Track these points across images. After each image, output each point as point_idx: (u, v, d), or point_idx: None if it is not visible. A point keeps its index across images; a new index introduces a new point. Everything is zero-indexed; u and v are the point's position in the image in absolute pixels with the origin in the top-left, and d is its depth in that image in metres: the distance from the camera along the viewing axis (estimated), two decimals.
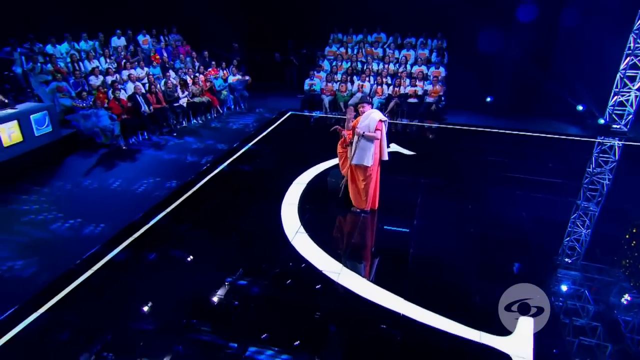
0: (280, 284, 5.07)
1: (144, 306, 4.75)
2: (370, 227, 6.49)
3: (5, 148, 8.13)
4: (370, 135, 6.10)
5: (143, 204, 7.13)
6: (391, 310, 4.66)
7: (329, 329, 4.44)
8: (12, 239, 6.33)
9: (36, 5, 11.39)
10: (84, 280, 5.15)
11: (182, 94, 11.55)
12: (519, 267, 5.52)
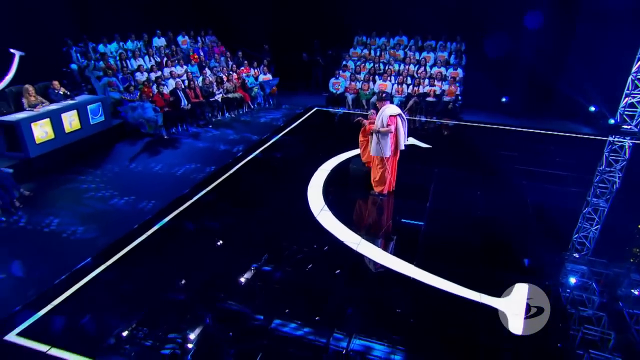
0: (306, 252, 5.69)
1: (188, 267, 5.45)
2: (387, 207, 7.06)
3: (67, 134, 9.01)
4: (384, 130, 6.67)
5: (184, 185, 7.87)
6: (403, 274, 5.24)
7: (348, 288, 5.05)
8: (78, 210, 7.18)
9: (90, 8, 12.32)
10: (140, 242, 5.89)
11: (218, 90, 12.31)
12: (518, 244, 5.99)
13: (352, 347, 4.11)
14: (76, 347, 4.06)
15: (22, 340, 4.15)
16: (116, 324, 4.40)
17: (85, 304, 4.71)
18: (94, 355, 3.97)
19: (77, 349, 4.03)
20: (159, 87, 10.96)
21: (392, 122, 6.57)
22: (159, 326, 4.36)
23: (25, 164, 8.15)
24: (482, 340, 4.28)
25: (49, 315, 4.48)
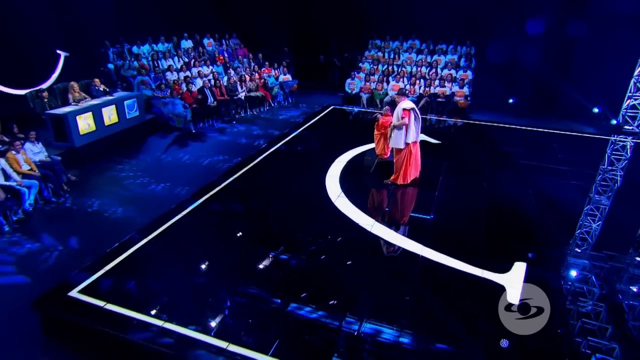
0: (325, 232, 6.13)
1: (218, 241, 5.96)
2: (399, 194, 7.48)
3: (106, 126, 9.62)
4: (399, 124, 7.10)
5: (211, 173, 8.38)
6: (413, 252, 5.66)
7: (363, 263, 5.50)
8: (117, 193, 7.78)
9: (125, 13, 12.94)
10: (177, 220, 6.40)
11: (241, 89, 12.85)
12: (519, 230, 6.38)
13: (367, 315, 4.56)
14: (127, 303, 4.58)
15: (83, 296, 4.69)
16: (158, 285, 4.94)
17: (132, 270, 5.23)
18: (141, 310, 4.47)
19: (127, 305, 4.55)
20: (187, 85, 11.53)
21: (406, 115, 6.99)
22: (193, 288, 4.89)
23: (71, 153, 8.76)
24: (483, 308, 4.68)
25: (102, 278, 5.01)
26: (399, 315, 4.53)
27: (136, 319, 4.35)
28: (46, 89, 9.60)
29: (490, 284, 5.04)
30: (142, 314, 4.42)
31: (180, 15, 14.41)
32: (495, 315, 4.49)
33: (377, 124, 8.16)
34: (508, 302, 4.71)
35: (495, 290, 4.92)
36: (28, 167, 7.41)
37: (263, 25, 15.53)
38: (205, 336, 4.15)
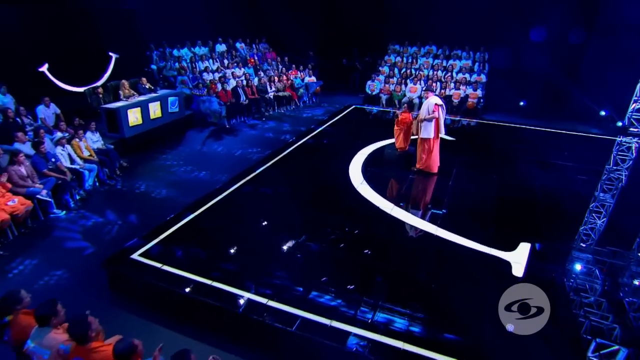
0: (349, 215, 6.58)
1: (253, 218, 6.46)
2: (416, 183, 7.88)
3: (151, 120, 10.25)
4: (430, 117, 7.56)
5: (244, 163, 8.90)
6: (428, 232, 6.07)
7: (383, 242, 5.94)
8: (162, 178, 8.38)
9: (167, 19, 13.62)
10: (217, 201, 6.95)
11: (270, 89, 13.39)
12: (525, 216, 6.71)
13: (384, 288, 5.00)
14: (180, 265, 5.12)
15: (143, 259, 5.26)
16: (204, 252, 5.48)
17: (182, 239, 5.78)
18: (192, 270, 5.00)
19: (180, 267, 5.09)
20: (222, 84, 12.12)
21: (436, 109, 7.44)
22: (234, 254, 5.40)
23: (122, 143, 9.39)
24: (490, 279, 5.07)
25: (158, 245, 5.57)
26: (415, 286, 4.96)
27: (188, 278, 4.89)
28: (101, 86, 10.31)
29: (496, 259, 5.42)
30: (192, 274, 4.96)
31: (215, 21, 15.02)
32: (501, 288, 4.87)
33: (396, 120, 8.59)
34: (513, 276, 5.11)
35: (501, 264, 5.31)
36: (88, 153, 8.08)
37: (290, 31, 16.00)
38: (247, 293, 4.65)
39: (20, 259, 5.91)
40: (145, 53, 12.82)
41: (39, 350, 3.20)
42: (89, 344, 3.09)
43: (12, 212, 6.21)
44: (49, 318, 3.24)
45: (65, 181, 7.21)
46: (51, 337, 3.22)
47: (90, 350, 3.10)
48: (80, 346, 3.09)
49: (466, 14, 13.99)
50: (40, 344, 3.20)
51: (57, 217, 6.97)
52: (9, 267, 5.74)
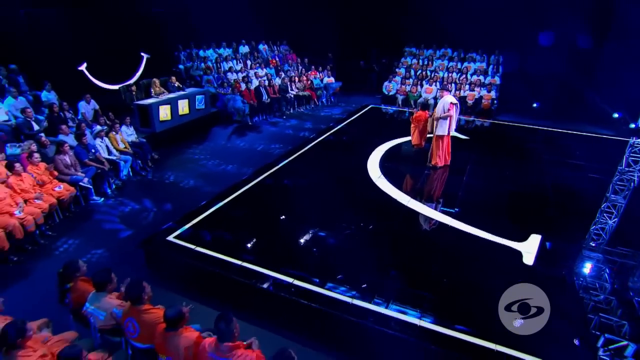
0: (367, 206, 6.84)
1: (276, 207, 6.77)
2: (431, 177, 8.09)
3: (180, 116, 10.66)
4: (444, 115, 7.76)
5: (266, 158, 9.20)
6: (443, 222, 6.28)
7: (400, 231, 6.17)
8: (191, 170, 8.77)
9: (194, 22, 14.07)
10: (243, 191, 7.27)
11: (291, 89, 13.71)
12: (536, 210, 6.85)
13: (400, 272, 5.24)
14: (211, 247, 5.45)
15: (178, 240, 5.60)
16: (233, 235, 5.81)
17: (213, 224, 6.11)
18: (222, 251, 5.32)
19: (212, 248, 5.42)
20: (246, 84, 12.48)
21: (451, 108, 7.65)
22: (259, 238, 5.73)
23: (152, 137, 9.80)
24: (501, 268, 5.26)
25: (191, 229, 5.91)
26: (431, 270, 5.20)
27: (218, 258, 5.22)
28: (134, 84, 10.77)
29: (508, 248, 5.61)
30: (222, 255, 5.28)
31: (238, 24, 15.38)
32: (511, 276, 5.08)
33: (412, 118, 8.81)
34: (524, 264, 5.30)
35: (513, 254, 5.50)
36: (123, 146, 8.51)
37: (310, 34, 16.31)
38: (275, 273, 4.95)
39: (65, 238, 6.37)
40: (174, 53, 13.27)
41: (96, 312, 3.55)
42: (141, 305, 3.42)
43: (58, 197, 6.65)
44: (105, 284, 3.59)
45: (103, 170, 7.64)
46: (106, 301, 3.57)
47: (142, 311, 3.43)
48: (134, 307, 3.43)
49: (481, 18, 14.05)
50: (98, 306, 3.55)
51: (96, 203, 7.40)
52: (55, 246, 6.19)
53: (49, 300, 4.29)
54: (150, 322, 3.41)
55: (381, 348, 4.21)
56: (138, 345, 3.50)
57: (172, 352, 3.28)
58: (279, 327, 4.51)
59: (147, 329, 3.41)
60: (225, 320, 3.11)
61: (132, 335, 3.47)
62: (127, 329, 3.47)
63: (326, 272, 4.98)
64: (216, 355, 3.07)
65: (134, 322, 3.43)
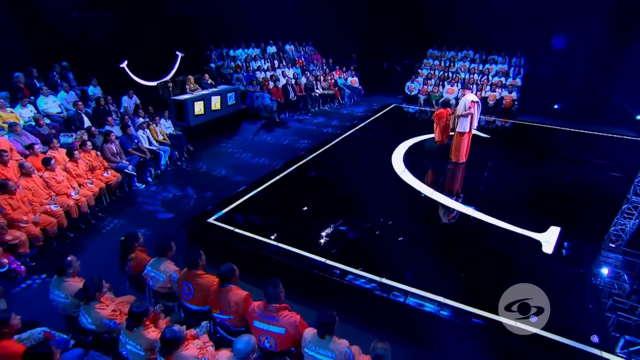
0: (393, 197, 7.11)
1: (309, 197, 7.10)
2: (454, 171, 8.30)
3: (212, 111, 11.13)
4: (465, 113, 7.97)
5: (293, 152, 9.55)
6: (465, 213, 6.50)
7: (425, 220, 6.43)
8: (222, 161, 9.20)
9: (224, 24, 14.58)
10: (274, 181, 7.63)
11: (316, 87, 14.06)
12: (554, 207, 6.97)
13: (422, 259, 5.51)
14: (249, 228, 5.82)
15: (218, 222, 6.00)
16: (267, 218, 6.17)
17: (249, 209, 6.48)
18: (259, 233, 5.68)
19: (249, 230, 5.79)
20: (275, 82, 12.89)
21: (472, 106, 7.86)
22: (291, 221, 6.06)
23: (187, 130, 10.28)
24: (521, 258, 5.47)
25: (228, 212, 6.30)
26: (454, 258, 5.45)
27: (256, 238, 5.59)
28: (170, 80, 11.30)
29: (528, 239, 5.80)
30: (260, 236, 5.65)
31: (266, 24, 15.80)
32: (530, 263, 5.29)
33: (434, 115, 9.05)
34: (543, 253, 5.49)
35: (532, 243, 5.69)
36: (162, 137, 8.99)
37: (335, 35, 16.59)
38: (309, 253, 5.28)
39: (110, 218, 6.88)
40: (206, 53, 13.79)
41: (157, 274, 3.95)
42: (197, 270, 3.80)
43: (106, 182, 7.15)
44: (166, 251, 4.00)
45: (145, 159, 8.13)
46: (166, 265, 3.97)
47: (196, 275, 3.81)
48: (190, 271, 3.81)
49: (504, 20, 14.10)
50: (158, 269, 3.95)
51: (139, 189, 7.90)
52: (102, 225, 6.70)
53: (102, 271, 4.71)
54: (203, 285, 3.79)
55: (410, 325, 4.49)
56: (192, 307, 3.89)
57: (224, 307, 3.64)
58: (305, 299, 4.77)
59: (200, 291, 3.79)
60: (273, 285, 3.46)
61: (187, 298, 3.85)
62: (182, 291, 3.86)
63: (357, 251, 5.30)
64: (265, 315, 3.42)
65: (189, 286, 3.81)
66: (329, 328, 3.16)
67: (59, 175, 6.37)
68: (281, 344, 3.37)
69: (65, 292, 3.65)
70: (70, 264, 3.77)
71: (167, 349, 2.93)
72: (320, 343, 3.17)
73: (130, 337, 3.20)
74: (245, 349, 2.86)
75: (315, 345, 3.19)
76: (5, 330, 2.95)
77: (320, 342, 3.18)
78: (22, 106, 7.93)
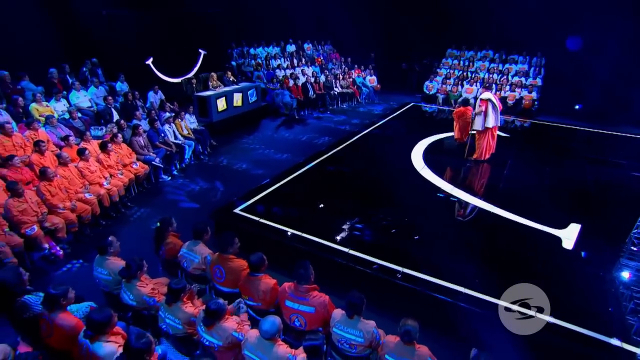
0: (413, 193, 7.21)
1: (330, 190, 7.27)
2: (474, 169, 8.38)
3: (234, 107, 11.40)
4: (477, 111, 8.06)
5: (312, 148, 9.74)
6: (486, 209, 6.58)
7: (446, 218, 6.54)
8: (248, 157, 9.43)
9: (246, 23, 14.88)
10: (295, 176, 7.82)
11: (335, 86, 14.22)
12: (576, 202, 7.00)
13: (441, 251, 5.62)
14: (273, 219, 6.02)
15: (243, 213, 6.22)
16: (290, 210, 6.37)
17: (273, 201, 6.69)
18: (283, 223, 5.87)
19: (273, 220, 5.99)
20: (294, 80, 13.10)
21: (483, 104, 7.91)
22: (311, 213, 6.24)
23: (210, 125, 10.56)
24: (542, 250, 5.54)
25: (254, 204, 6.51)
26: (474, 251, 5.55)
27: (281, 228, 5.79)
28: (194, 77, 11.62)
29: (548, 235, 5.86)
30: (284, 226, 5.84)
31: (285, 24, 16.04)
32: (550, 258, 5.36)
33: (453, 113, 9.14)
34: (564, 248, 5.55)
35: (552, 239, 5.75)
36: (187, 132, 9.27)
37: (353, 34, 16.69)
38: (330, 243, 5.45)
39: (137, 207, 7.19)
40: (227, 51, 14.09)
41: (192, 256, 4.18)
42: (229, 255, 4.01)
43: (135, 173, 7.45)
44: (202, 234, 4.23)
45: (171, 152, 8.42)
46: (201, 247, 4.19)
47: (228, 259, 4.02)
48: (222, 255, 4.02)
49: (524, 20, 14.02)
50: (193, 250, 4.18)
51: (165, 181, 8.19)
52: (131, 214, 7.00)
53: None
54: (235, 268, 3.99)
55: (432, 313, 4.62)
56: (223, 289, 4.09)
57: (253, 294, 3.84)
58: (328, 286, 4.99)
59: (232, 274, 4.00)
60: (304, 266, 3.64)
61: (219, 280, 4.07)
62: (215, 274, 4.07)
63: (379, 242, 5.46)
64: (295, 295, 3.60)
65: (221, 269, 4.02)
66: (357, 309, 3.32)
67: (92, 165, 6.69)
68: (311, 322, 3.55)
69: (108, 270, 3.90)
70: (111, 244, 4.02)
71: (210, 319, 3.14)
72: (348, 323, 3.34)
73: (169, 312, 3.42)
74: (271, 329, 3.04)
75: (343, 325, 3.35)
76: (64, 302, 3.21)
77: (348, 321, 3.34)
78: (56, 100, 8.29)
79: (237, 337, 3.21)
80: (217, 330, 3.19)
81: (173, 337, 3.46)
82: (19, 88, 8.17)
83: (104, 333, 3.00)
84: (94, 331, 2.94)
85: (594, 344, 3.97)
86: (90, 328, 2.94)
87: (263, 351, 3.03)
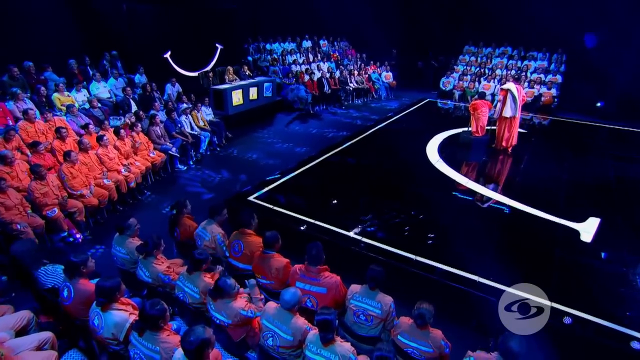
0: (429, 186, 7.17)
1: (346, 181, 7.28)
2: (490, 163, 8.29)
3: (250, 101, 11.50)
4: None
5: (327, 141, 9.76)
6: (501, 201, 6.50)
7: (460, 209, 6.48)
8: (262, 150, 9.51)
9: (262, 18, 15.00)
10: (309, 167, 7.85)
11: (350, 81, 14.21)
12: (595, 197, 6.84)
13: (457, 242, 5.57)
14: (286, 207, 6.05)
15: (257, 201, 6.28)
16: (305, 199, 6.39)
17: (287, 190, 6.73)
18: (295, 210, 5.90)
19: (287, 208, 6.02)
20: (310, 75, 13.14)
21: (502, 94, 7.86)
22: (323, 203, 6.26)
23: (226, 118, 10.67)
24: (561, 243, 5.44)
25: (267, 192, 6.57)
26: (490, 244, 5.49)
27: (294, 216, 5.82)
28: (210, 70, 11.78)
29: (567, 228, 5.75)
30: (297, 214, 5.88)
31: (301, 19, 16.08)
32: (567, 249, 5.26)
33: (470, 106, 9.06)
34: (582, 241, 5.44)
35: (570, 232, 5.64)
36: (203, 123, 9.40)
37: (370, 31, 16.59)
38: (345, 231, 5.46)
39: (154, 195, 7.32)
40: (243, 46, 14.21)
41: (204, 233, 4.27)
42: (247, 230, 4.09)
43: (152, 161, 7.58)
44: (216, 213, 4.31)
45: (187, 143, 8.54)
46: (213, 227, 4.28)
47: (247, 233, 4.11)
48: (242, 230, 4.11)
49: (544, 16, 13.80)
50: (205, 228, 4.26)
51: (180, 171, 8.32)
52: (147, 201, 7.14)
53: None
54: (253, 243, 4.09)
55: None
56: (238, 264, 4.17)
57: (266, 272, 3.88)
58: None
59: (249, 249, 4.08)
60: (315, 247, 3.66)
61: (236, 255, 4.15)
62: (233, 249, 4.16)
63: (391, 232, 5.44)
64: (307, 276, 3.63)
65: (240, 243, 4.11)
66: (378, 281, 3.37)
67: (110, 152, 6.84)
68: (322, 303, 3.56)
69: (127, 249, 4.00)
70: (131, 225, 4.12)
71: (215, 292, 3.21)
72: (369, 294, 3.40)
73: (189, 280, 3.52)
74: (292, 299, 3.08)
75: (362, 296, 3.41)
76: (85, 270, 3.34)
77: (369, 292, 3.40)
78: (76, 91, 8.50)
79: (246, 315, 3.28)
80: (226, 309, 3.25)
81: (187, 311, 3.54)
82: (42, 78, 8.40)
83: (115, 300, 3.10)
84: (105, 297, 3.03)
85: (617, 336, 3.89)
86: (101, 295, 3.03)
87: (282, 321, 3.09)
